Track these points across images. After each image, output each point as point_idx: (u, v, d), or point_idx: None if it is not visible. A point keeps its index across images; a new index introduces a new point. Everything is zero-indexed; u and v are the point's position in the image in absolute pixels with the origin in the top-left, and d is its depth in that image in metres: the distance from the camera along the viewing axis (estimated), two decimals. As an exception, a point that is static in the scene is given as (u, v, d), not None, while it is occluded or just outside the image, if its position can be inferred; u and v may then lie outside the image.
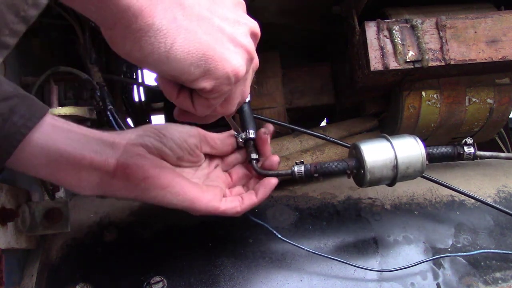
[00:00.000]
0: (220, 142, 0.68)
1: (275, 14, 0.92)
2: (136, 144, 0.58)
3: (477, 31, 0.76)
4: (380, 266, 0.71)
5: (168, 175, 0.58)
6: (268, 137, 0.68)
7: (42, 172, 0.54)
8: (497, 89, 0.86)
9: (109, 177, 0.56)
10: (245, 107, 0.74)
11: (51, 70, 0.78)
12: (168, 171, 0.59)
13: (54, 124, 0.54)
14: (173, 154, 0.61)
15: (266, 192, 0.65)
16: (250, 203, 0.64)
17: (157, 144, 0.60)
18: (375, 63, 0.75)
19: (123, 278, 0.69)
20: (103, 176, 0.55)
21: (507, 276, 0.71)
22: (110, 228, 0.75)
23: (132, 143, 0.58)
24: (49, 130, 0.53)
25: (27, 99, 0.52)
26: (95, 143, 0.56)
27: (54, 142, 0.53)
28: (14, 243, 0.65)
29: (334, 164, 0.66)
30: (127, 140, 0.58)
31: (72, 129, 0.56)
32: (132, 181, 0.56)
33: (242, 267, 0.70)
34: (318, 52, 1.17)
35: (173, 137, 0.61)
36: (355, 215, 0.77)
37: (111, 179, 0.56)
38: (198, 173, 0.66)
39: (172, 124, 0.64)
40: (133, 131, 0.61)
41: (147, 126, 0.63)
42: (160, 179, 0.57)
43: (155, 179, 0.57)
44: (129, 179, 0.56)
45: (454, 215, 0.78)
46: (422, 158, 0.64)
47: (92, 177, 0.55)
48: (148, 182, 0.57)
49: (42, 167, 0.53)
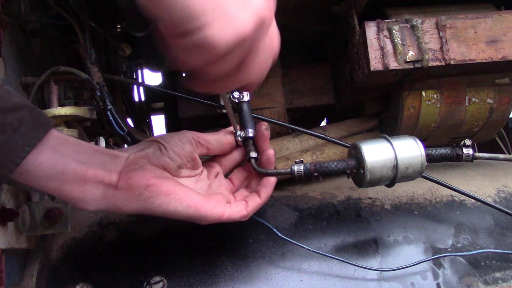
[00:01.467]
0: (216, 143, 0.68)
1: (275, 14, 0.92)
2: (138, 156, 0.60)
3: (477, 31, 0.76)
4: (380, 266, 0.71)
5: (170, 182, 0.59)
6: (268, 133, 0.68)
7: (47, 185, 0.54)
8: (497, 89, 0.86)
9: (112, 189, 0.56)
10: (244, 106, 0.74)
11: (51, 70, 0.78)
12: (170, 180, 0.60)
13: (60, 137, 0.55)
14: (173, 163, 0.62)
15: (269, 192, 0.65)
16: (255, 205, 0.64)
17: (158, 154, 0.61)
18: (375, 63, 0.75)
19: (123, 278, 0.69)
20: (106, 188, 0.56)
21: (507, 276, 0.71)
22: (110, 228, 0.75)
23: (134, 155, 0.60)
24: (55, 142, 0.54)
25: (35, 111, 0.53)
26: (99, 156, 0.57)
27: (61, 155, 0.54)
28: (14, 243, 0.65)
29: (334, 164, 0.66)
30: (129, 153, 0.60)
31: (77, 142, 0.57)
32: (135, 190, 0.56)
33: (242, 267, 0.70)
34: (318, 52, 1.17)
35: (172, 147, 0.62)
36: (355, 215, 0.77)
37: (114, 191, 0.56)
38: (199, 184, 0.66)
39: (169, 134, 0.65)
40: (135, 146, 0.63)
41: (147, 139, 0.64)
42: (163, 186, 0.58)
43: (158, 186, 0.57)
44: (132, 188, 0.56)
45: (454, 215, 0.78)
46: (421, 158, 0.64)
47: (96, 190, 0.56)
48: (151, 189, 0.57)
49: (48, 180, 0.53)
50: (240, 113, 0.74)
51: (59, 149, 0.54)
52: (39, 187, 0.54)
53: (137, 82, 1.40)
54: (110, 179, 0.56)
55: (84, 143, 0.58)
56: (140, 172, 0.57)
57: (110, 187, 0.56)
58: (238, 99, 0.75)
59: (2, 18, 0.74)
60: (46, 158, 0.52)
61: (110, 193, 0.56)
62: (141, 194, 0.57)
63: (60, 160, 0.53)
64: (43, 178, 0.53)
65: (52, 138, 0.53)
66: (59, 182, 0.54)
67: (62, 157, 0.54)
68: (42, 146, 0.52)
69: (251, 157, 0.69)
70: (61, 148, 0.54)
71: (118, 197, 0.57)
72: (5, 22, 0.75)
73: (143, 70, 1.41)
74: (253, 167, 0.68)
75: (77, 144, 0.57)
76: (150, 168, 0.59)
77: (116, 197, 0.56)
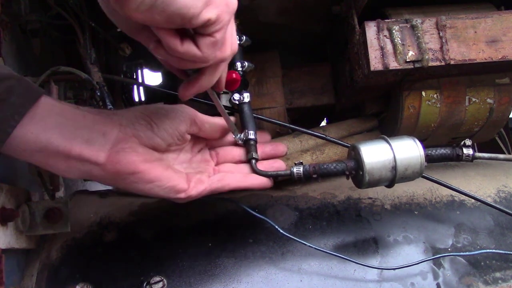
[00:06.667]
0: (209, 126, 0.68)
1: (275, 14, 0.92)
2: (128, 135, 0.58)
3: (477, 31, 0.76)
4: (380, 266, 0.71)
5: (158, 169, 0.59)
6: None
7: (32, 159, 0.54)
8: (497, 89, 0.86)
9: (98, 167, 0.56)
10: (245, 107, 0.74)
11: (51, 70, 0.78)
12: (158, 165, 0.59)
13: (48, 107, 0.54)
14: (164, 142, 0.61)
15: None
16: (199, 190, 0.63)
17: (149, 134, 0.60)
18: (375, 63, 0.75)
19: (123, 278, 0.69)
20: (92, 166, 0.56)
21: (507, 276, 0.71)
22: (110, 228, 0.75)
23: (123, 134, 0.58)
24: (43, 114, 0.53)
25: (23, 80, 0.52)
26: (86, 131, 0.56)
27: (45, 128, 0.52)
28: (14, 243, 0.65)
29: (333, 165, 0.66)
30: (119, 127, 0.58)
31: (64, 112, 0.55)
32: (121, 175, 0.57)
33: (242, 267, 0.70)
34: (318, 52, 1.17)
35: (165, 126, 0.61)
36: (355, 215, 0.77)
37: (100, 170, 0.56)
38: (182, 156, 0.66)
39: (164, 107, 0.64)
40: (125, 114, 0.61)
41: (138, 109, 0.62)
42: (151, 174, 0.58)
43: (144, 174, 0.57)
44: (119, 173, 0.56)
45: (454, 215, 0.78)
46: (421, 159, 0.64)
47: (82, 166, 0.55)
48: (138, 176, 0.57)
49: (31, 154, 0.53)
50: (241, 115, 0.74)
51: (45, 121, 0.53)
52: (25, 159, 0.55)
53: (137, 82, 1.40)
54: (97, 159, 0.55)
55: (71, 114, 0.56)
56: (128, 156, 0.57)
57: (96, 166, 0.56)
58: (238, 100, 0.75)
59: (2, 18, 0.74)
60: (30, 131, 0.51)
61: (95, 170, 0.56)
62: (127, 178, 0.57)
63: (43, 135, 0.52)
64: (27, 152, 0.53)
65: (40, 108, 0.52)
66: (43, 156, 0.53)
67: (46, 131, 0.53)
68: (26, 119, 0.51)
69: (252, 158, 0.69)
70: (47, 120, 0.53)
71: (103, 175, 0.57)
72: (5, 22, 0.75)
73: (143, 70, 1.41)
74: (254, 169, 0.68)
75: (64, 115, 0.55)
76: (139, 150, 0.58)
77: (100, 175, 0.57)
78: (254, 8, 0.86)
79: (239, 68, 0.76)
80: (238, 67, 0.76)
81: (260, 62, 0.96)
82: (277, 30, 0.98)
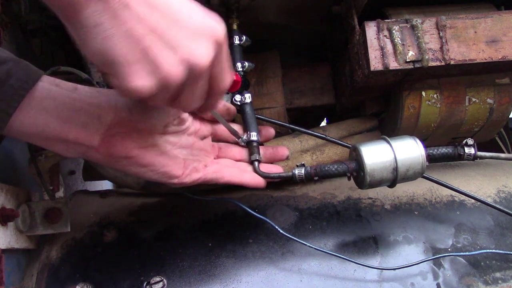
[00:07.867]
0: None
1: (275, 14, 0.92)
2: (124, 119, 0.57)
3: (477, 31, 0.76)
4: (380, 266, 0.71)
5: (152, 154, 0.59)
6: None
7: (31, 141, 0.56)
8: (497, 89, 0.86)
9: (93, 150, 0.57)
10: (247, 108, 0.74)
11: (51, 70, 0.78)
12: (152, 150, 0.60)
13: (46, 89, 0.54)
14: (160, 124, 0.61)
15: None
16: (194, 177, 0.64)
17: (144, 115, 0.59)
18: (375, 63, 0.75)
19: (123, 278, 0.69)
20: (88, 148, 0.57)
21: (507, 276, 0.71)
22: (110, 228, 0.75)
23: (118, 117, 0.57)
24: (41, 95, 0.53)
25: (22, 62, 0.52)
26: (83, 114, 0.55)
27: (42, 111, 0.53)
28: (14, 243, 0.65)
29: (334, 167, 0.66)
30: (114, 110, 0.57)
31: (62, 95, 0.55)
32: (114, 158, 0.58)
33: (242, 267, 0.70)
34: (318, 52, 1.17)
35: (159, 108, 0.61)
36: (355, 215, 0.77)
37: (94, 152, 0.57)
38: (184, 140, 0.66)
39: None
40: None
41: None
42: (145, 158, 0.58)
43: (138, 159, 0.58)
44: (112, 156, 0.57)
45: (454, 215, 0.78)
46: (422, 159, 0.64)
47: (79, 148, 0.56)
48: (131, 161, 0.58)
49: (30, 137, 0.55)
50: (243, 115, 0.74)
51: (42, 103, 0.53)
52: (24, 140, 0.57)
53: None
54: (92, 142, 0.56)
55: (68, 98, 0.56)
56: (122, 140, 0.57)
57: (91, 148, 0.56)
58: (240, 101, 0.75)
59: (2, 18, 0.74)
60: (28, 115, 0.52)
61: (90, 152, 0.57)
62: (121, 161, 0.58)
63: (41, 119, 0.53)
64: (26, 135, 0.54)
65: (37, 92, 0.53)
66: (41, 139, 0.55)
67: (44, 113, 0.53)
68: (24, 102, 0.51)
69: (254, 160, 0.69)
70: (45, 102, 0.53)
71: (98, 158, 0.58)
72: (5, 22, 0.75)
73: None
74: (256, 171, 0.68)
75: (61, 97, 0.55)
76: (134, 135, 0.58)
77: (96, 157, 0.58)
78: (254, 8, 0.86)
79: (240, 68, 0.76)
80: (239, 68, 0.76)
81: (260, 62, 0.96)
82: (277, 30, 0.98)
